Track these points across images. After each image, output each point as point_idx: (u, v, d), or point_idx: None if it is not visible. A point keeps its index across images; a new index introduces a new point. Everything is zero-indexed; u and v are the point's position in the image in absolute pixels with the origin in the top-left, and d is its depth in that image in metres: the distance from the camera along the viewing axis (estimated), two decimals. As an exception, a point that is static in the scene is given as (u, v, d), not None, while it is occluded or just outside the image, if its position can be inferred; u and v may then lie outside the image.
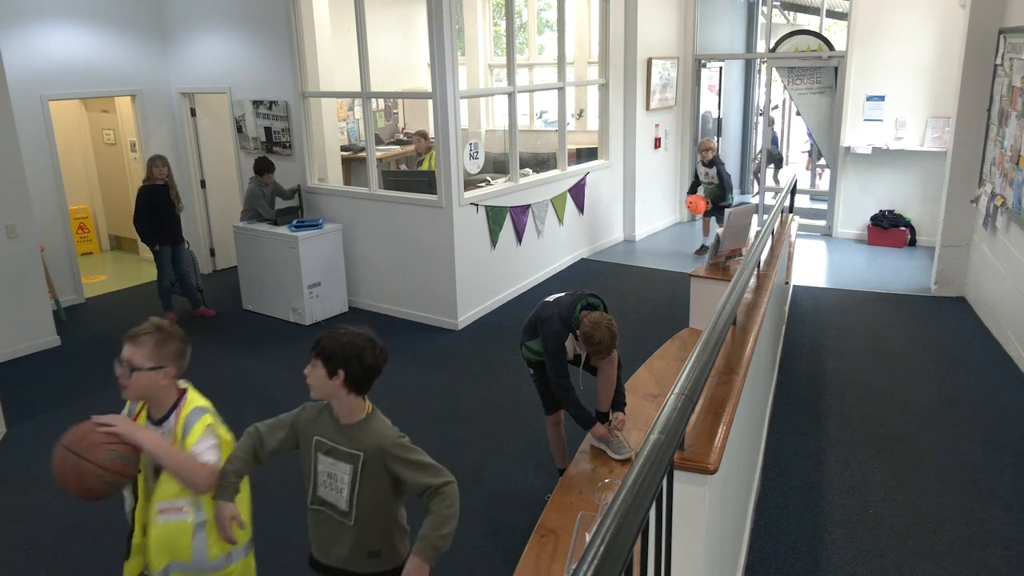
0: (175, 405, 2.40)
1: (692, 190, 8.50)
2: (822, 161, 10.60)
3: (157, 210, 6.51)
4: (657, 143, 9.37)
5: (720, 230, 5.20)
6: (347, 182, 8.10)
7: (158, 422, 2.40)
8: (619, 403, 3.57)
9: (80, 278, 7.56)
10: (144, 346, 2.36)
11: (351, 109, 10.08)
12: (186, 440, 2.34)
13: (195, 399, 2.45)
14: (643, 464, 1.47)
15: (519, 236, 7.19)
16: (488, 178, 7.16)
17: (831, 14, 10.84)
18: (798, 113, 9.88)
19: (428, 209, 6.42)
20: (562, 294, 3.62)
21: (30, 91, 6.86)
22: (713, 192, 8.17)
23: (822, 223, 9.31)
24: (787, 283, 6.40)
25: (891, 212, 8.76)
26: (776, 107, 13.60)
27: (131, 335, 2.38)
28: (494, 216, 6.78)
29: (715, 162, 8.10)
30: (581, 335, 3.30)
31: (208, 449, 2.33)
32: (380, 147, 8.95)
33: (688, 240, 9.37)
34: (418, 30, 10.07)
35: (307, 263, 6.57)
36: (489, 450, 4.52)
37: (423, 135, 8.41)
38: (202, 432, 2.35)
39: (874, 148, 8.62)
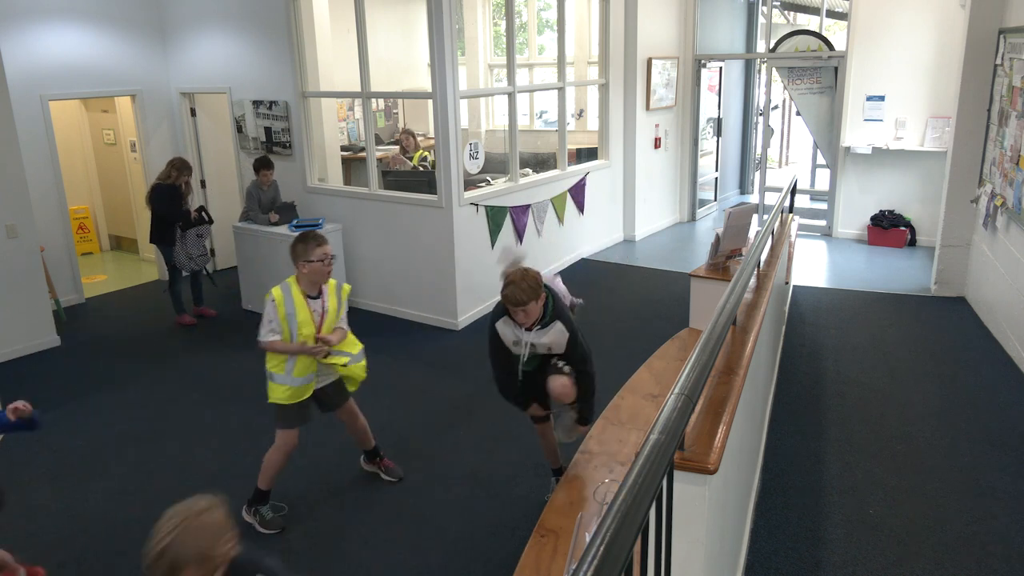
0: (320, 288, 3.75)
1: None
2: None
3: (175, 211, 6.52)
4: (657, 143, 9.37)
5: (720, 230, 5.20)
6: (347, 182, 8.09)
7: (314, 297, 3.70)
8: (585, 416, 3.50)
9: (80, 278, 7.56)
10: (330, 245, 3.73)
11: (351, 109, 10.08)
12: (340, 310, 3.83)
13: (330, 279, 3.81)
14: (643, 464, 1.47)
15: (519, 236, 7.18)
16: (488, 178, 7.16)
17: (831, 14, 10.84)
18: (798, 113, 9.87)
19: (428, 209, 6.42)
20: None
21: (30, 91, 6.86)
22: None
23: (822, 223, 9.31)
24: (787, 283, 6.40)
25: (891, 212, 8.76)
26: (776, 107, 13.61)
27: (324, 240, 3.67)
28: (494, 216, 6.78)
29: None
30: (502, 288, 3.19)
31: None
32: (380, 147, 8.95)
33: (688, 240, 9.37)
34: (418, 30, 10.07)
35: (307, 263, 6.56)
36: (489, 450, 4.52)
37: (411, 133, 8.45)
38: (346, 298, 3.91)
39: (874, 148, 8.62)
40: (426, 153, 8.42)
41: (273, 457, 3.83)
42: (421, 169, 7.93)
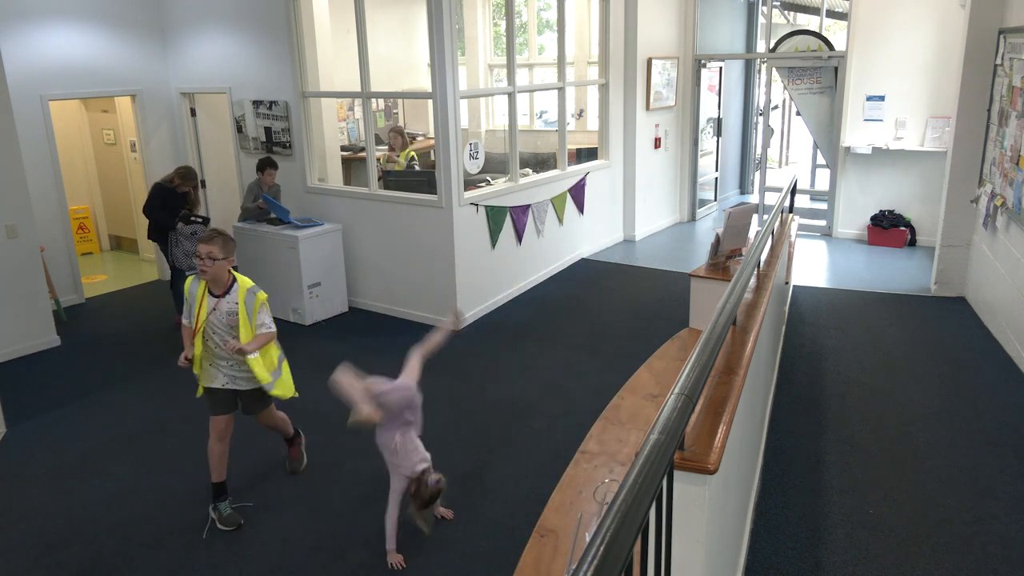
0: (231, 284, 3.63)
1: None
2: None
3: (173, 213, 6.50)
4: (657, 143, 9.38)
5: (720, 230, 5.20)
6: (347, 182, 8.10)
7: (219, 296, 3.61)
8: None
9: (80, 278, 7.57)
10: (216, 244, 3.53)
11: (351, 109, 10.08)
12: (252, 312, 3.64)
13: (245, 281, 3.68)
14: (643, 464, 1.47)
15: (519, 236, 7.19)
16: (488, 178, 7.16)
17: (831, 14, 10.84)
18: (798, 113, 9.88)
19: (428, 209, 6.42)
20: None
21: (30, 91, 6.86)
22: None
23: (822, 223, 9.31)
24: (787, 283, 6.40)
25: (891, 212, 8.76)
26: (776, 107, 13.60)
27: (204, 239, 3.54)
28: (494, 216, 6.78)
29: None
30: None
31: (270, 320, 3.75)
32: (380, 147, 8.94)
33: (688, 240, 9.38)
34: (418, 30, 10.07)
35: (307, 263, 6.57)
36: (489, 450, 4.52)
37: (399, 132, 8.42)
38: (261, 307, 3.69)
39: (874, 148, 8.62)
40: (413, 152, 8.38)
41: (208, 445, 3.86)
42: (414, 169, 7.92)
